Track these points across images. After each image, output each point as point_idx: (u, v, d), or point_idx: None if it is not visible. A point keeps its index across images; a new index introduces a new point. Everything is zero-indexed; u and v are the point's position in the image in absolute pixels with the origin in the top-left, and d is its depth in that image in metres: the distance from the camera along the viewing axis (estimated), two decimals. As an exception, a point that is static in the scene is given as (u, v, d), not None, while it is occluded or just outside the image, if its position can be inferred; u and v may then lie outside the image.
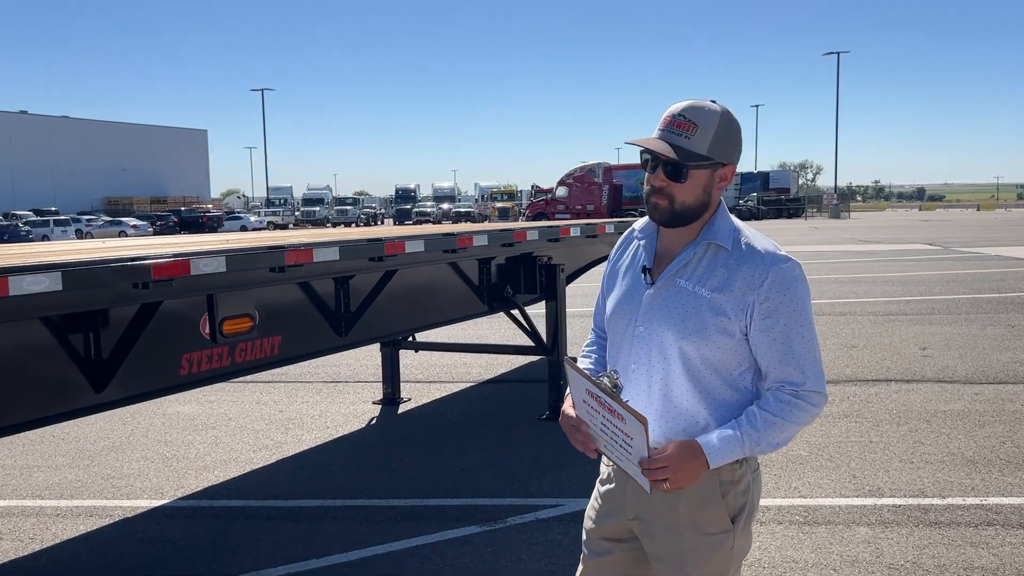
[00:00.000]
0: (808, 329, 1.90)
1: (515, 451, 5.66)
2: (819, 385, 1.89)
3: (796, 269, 1.89)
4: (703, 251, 1.93)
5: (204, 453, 5.83)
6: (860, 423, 6.06)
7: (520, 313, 6.28)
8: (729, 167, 1.92)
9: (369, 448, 5.88)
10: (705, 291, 1.89)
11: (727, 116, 1.90)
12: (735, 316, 1.87)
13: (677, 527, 1.95)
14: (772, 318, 1.86)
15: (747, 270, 1.87)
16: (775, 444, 1.89)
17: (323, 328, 4.47)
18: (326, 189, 69.24)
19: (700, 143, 1.86)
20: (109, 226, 52.54)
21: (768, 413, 1.87)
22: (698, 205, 1.91)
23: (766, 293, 1.86)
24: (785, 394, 1.88)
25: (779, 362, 1.88)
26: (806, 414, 1.89)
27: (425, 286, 5.35)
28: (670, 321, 1.91)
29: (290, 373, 8.40)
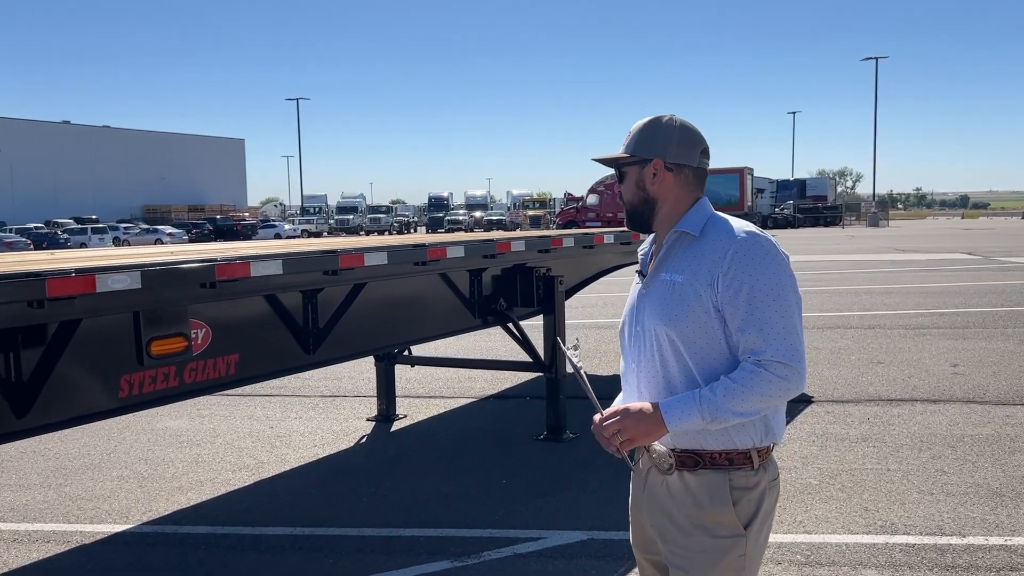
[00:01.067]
0: (775, 299, 1.88)
1: (504, 475, 5.33)
2: (785, 356, 1.85)
3: (763, 242, 1.93)
4: (676, 242, 2.01)
5: (182, 472, 5.58)
6: (879, 448, 5.64)
7: (515, 327, 5.96)
8: (654, 162, 2.02)
9: (352, 470, 5.59)
10: (679, 276, 1.96)
11: (654, 120, 2.06)
12: (707, 294, 1.91)
13: (687, 528, 1.96)
14: (733, 288, 1.89)
15: (713, 248, 1.94)
16: (737, 413, 1.86)
17: (288, 345, 4.20)
18: (360, 198, 69.68)
19: (628, 146, 2.06)
20: (145, 234, 53.23)
21: (729, 380, 1.86)
22: (639, 201, 2.05)
23: (728, 264, 1.90)
24: (749, 363, 1.87)
25: (741, 331, 1.88)
26: (770, 385, 1.84)
27: (407, 299, 5.06)
28: (654, 312, 1.99)
29: (289, 386, 8.16)
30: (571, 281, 7.02)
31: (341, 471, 5.56)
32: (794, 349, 1.87)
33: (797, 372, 1.86)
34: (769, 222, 57.44)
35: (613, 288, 16.00)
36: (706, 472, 1.95)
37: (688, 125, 2.07)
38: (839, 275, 18.44)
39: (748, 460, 1.94)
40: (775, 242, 1.95)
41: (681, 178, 2.03)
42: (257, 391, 8.01)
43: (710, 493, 1.93)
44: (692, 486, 1.96)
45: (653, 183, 2.03)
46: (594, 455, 5.64)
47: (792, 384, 1.86)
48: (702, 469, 1.95)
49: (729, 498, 1.93)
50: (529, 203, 64.02)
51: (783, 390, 1.86)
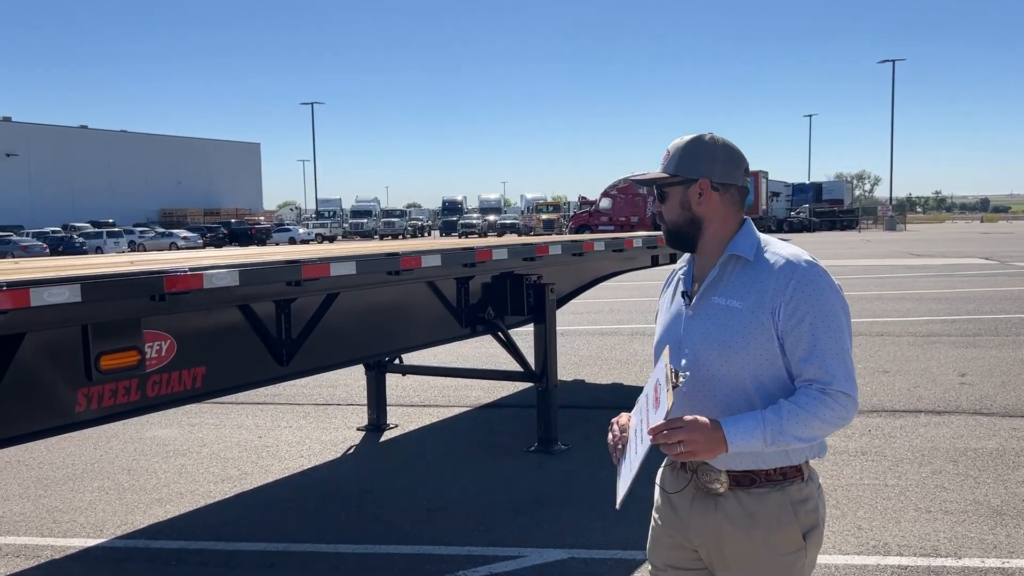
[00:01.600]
0: (836, 330, 1.91)
1: (490, 489, 5.20)
2: (847, 387, 1.89)
3: (821, 272, 1.95)
4: (727, 265, 2.01)
5: (163, 484, 5.49)
6: (878, 462, 5.46)
7: (504, 336, 5.83)
8: (701, 181, 2.01)
9: (335, 482, 5.47)
10: (736, 302, 1.96)
11: (696, 139, 2.04)
12: (768, 322, 1.93)
13: (753, 551, 1.96)
14: (796, 318, 1.91)
15: (773, 276, 1.94)
16: (799, 438, 1.88)
17: (259, 356, 4.09)
18: (374, 201, 69.70)
19: (670, 165, 2.04)
20: (161, 238, 53.51)
21: (792, 404, 1.87)
22: (684, 221, 2.04)
23: (791, 295, 1.91)
24: (813, 390, 1.89)
25: (805, 361, 1.90)
26: (833, 413, 1.88)
27: (389, 307, 4.95)
28: (709, 336, 1.98)
29: (283, 394, 8.06)
30: (564, 288, 6.90)
31: (324, 483, 5.45)
32: (853, 379, 1.92)
33: (855, 403, 1.92)
34: (784, 226, 57.05)
35: (616, 293, 15.88)
36: (762, 491, 1.96)
37: (730, 144, 2.07)
38: (851, 280, 18.18)
39: (799, 473, 1.97)
40: (826, 270, 1.98)
41: (727, 197, 2.04)
42: (251, 399, 7.94)
43: (776, 514, 1.95)
44: (751, 507, 1.96)
45: (699, 203, 2.03)
46: (583, 468, 5.50)
47: (850, 414, 1.91)
48: (757, 488, 1.96)
49: (793, 516, 1.95)
50: (542, 207, 63.80)
51: (842, 419, 1.90)
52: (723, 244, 2.03)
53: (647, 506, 2.25)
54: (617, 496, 2.00)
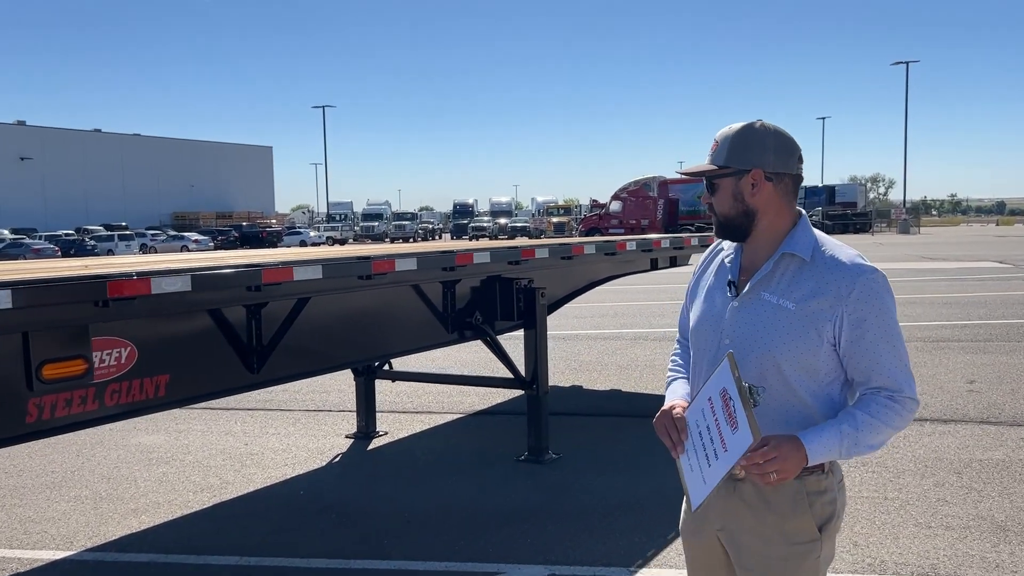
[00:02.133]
0: (898, 338, 1.94)
1: (476, 499, 5.04)
2: (913, 392, 1.94)
3: (882, 279, 1.94)
4: (783, 263, 1.98)
5: (142, 493, 5.35)
6: (879, 474, 5.26)
7: (493, 342, 5.67)
8: (754, 172, 1.97)
9: (317, 492, 5.32)
10: (790, 303, 1.93)
11: (747, 127, 1.99)
12: (824, 327, 1.91)
13: (766, 537, 1.97)
14: (862, 328, 1.90)
15: (834, 281, 1.92)
16: (871, 446, 1.92)
17: (228, 363, 3.94)
18: (385, 204, 69.74)
19: (720, 156, 1.99)
20: (172, 241, 53.69)
21: (866, 414, 1.89)
22: (737, 213, 2.00)
23: (855, 304, 1.89)
24: (882, 398, 1.91)
25: (873, 371, 1.91)
26: (901, 419, 1.92)
27: (371, 312, 4.79)
28: (756, 333, 1.95)
29: (275, 400, 7.93)
30: (557, 292, 6.73)
31: (312, 493, 5.29)
32: (914, 385, 1.95)
33: (919, 404, 1.96)
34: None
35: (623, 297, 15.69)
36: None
37: (781, 131, 2.01)
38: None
39: (819, 465, 1.95)
40: (885, 275, 1.96)
41: (781, 187, 1.99)
42: (241, 404, 7.80)
43: (791, 502, 1.95)
44: (768, 494, 1.96)
45: (753, 194, 1.98)
46: (573, 479, 5.33)
47: (912, 417, 1.95)
48: None
49: (807, 505, 1.95)
50: (553, 209, 63.63)
51: (907, 422, 1.95)
52: (776, 237, 2.00)
53: (634, 519, 2.14)
54: (692, 501, 1.93)
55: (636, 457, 5.69)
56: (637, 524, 4.49)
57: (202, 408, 7.69)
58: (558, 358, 9.77)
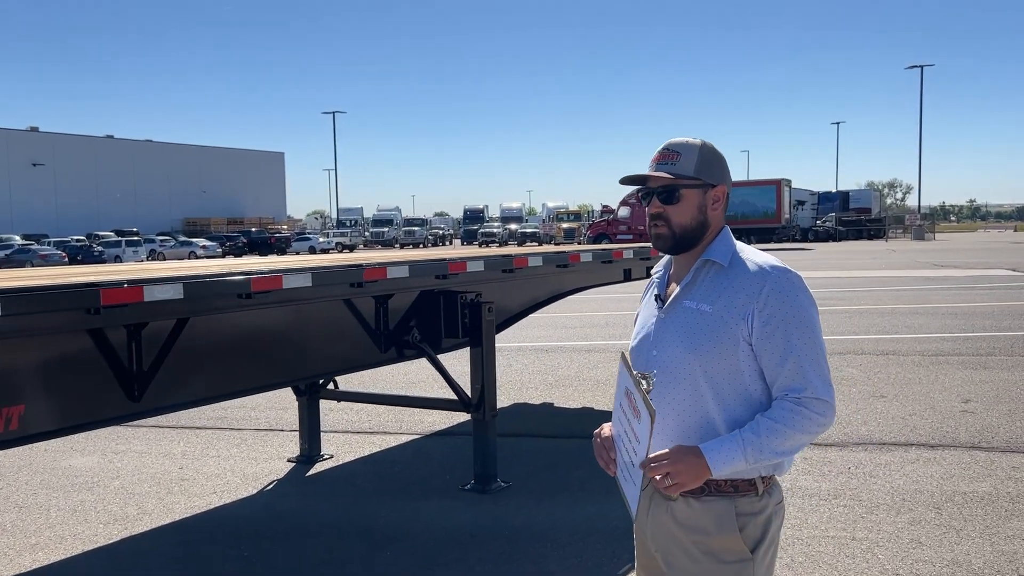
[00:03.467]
0: (809, 335, 1.92)
1: (404, 537, 4.60)
2: (823, 392, 1.90)
3: (794, 278, 1.97)
4: (702, 270, 2.02)
5: (49, 525, 4.95)
6: (851, 508, 4.79)
7: (432, 361, 5.23)
8: (719, 188, 2.04)
9: (237, 524, 4.90)
10: (707, 306, 1.96)
11: (707, 145, 2.05)
12: (738, 327, 1.92)
13: (694, 556, 1.97)
14: (771, 324, 1.91)
15: (746, 281, 1.95)
16: (779, 452, 1.90)
17: (105, 390, 3.53)
18: (395, 210, 69.61)
19: (686, 166, 2.01)
20: (180, 246, 53.66)
21: (769, 419, 1.88)
22: (696, 225, 2.02)
23: (765, 300, 1.92)
24: (788, 401, 1.89)
25: (780, 368, 1.91)
26: (811, 423, 1.89)
27: (289, 329, 4.37)
28: (677, 339, 1.98)
29: (228, 417, 7.55)
30: (512, 305, 6.28)
31: (224, 526, 4.87)
32: (829, 384, 1.92)
33: (832, 407, 1.92)
34: (810, 235, 55.92)
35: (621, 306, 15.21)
36: (711, 499, 1.94)
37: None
38: (865, 293, 17.38)
39: (753, 487, 1.95)
40: (800, 276, 1.99)
41: (724, 207, 2.07)
42: (195, 422, 7.42)
43: (717, 520, 1.94)
44: (698, 513, 1.95)
45: (713, 208, 2.04)
46: (517, 511, 4.89)
47: (828, 420, 1.90)
48: (707, 496, 1.94)
49: (735, 524, 1.94)
50: (563, 215, 63.24)
51: (821, 427, 1.90)
52: (703, 248, 2.04)
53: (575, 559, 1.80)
54: (631, 509, 1.93)
55: (592, 484, 5.24)
56: (577, 566, 4.05)
57: (150, 425, 7.31)
58: (534, 371, 9.34)
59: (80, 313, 2.86)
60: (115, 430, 7.17)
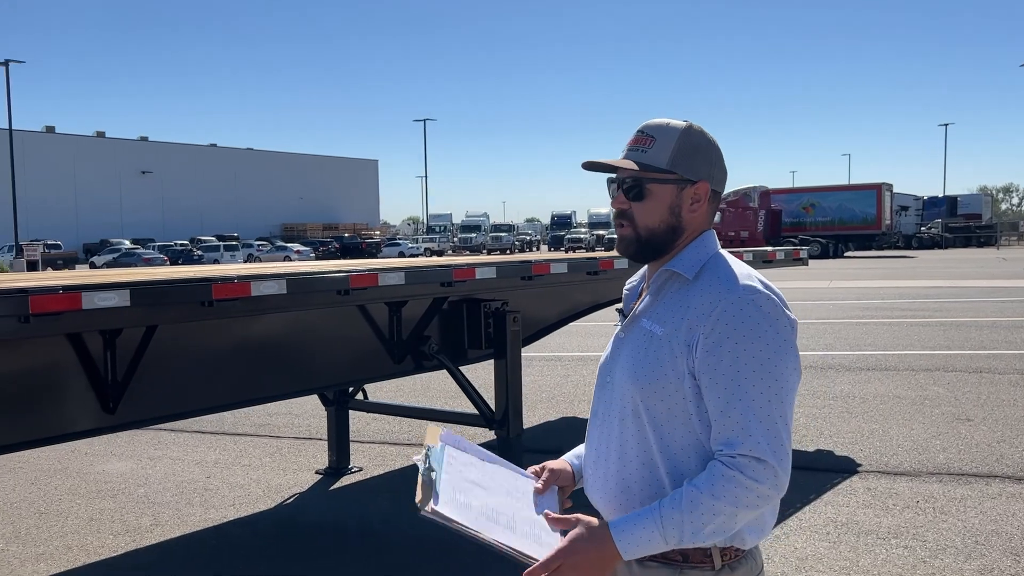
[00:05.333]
0: (766, 376, 1.50)
1: (401, 567, 4.29)
2: (765, 451, 1.46)
3: (763, 301, 1.54)
4: (665, 284, 1.66)
5: (62, 534, 4.86)
6: (912, 551, 4.22)
7: (452, 373, 4.92)
8: (700, 185, 1.65)
9: (241, 542, 4.69)
10: (659, 328, 1.60)
11: (692, 130, 1.67)
12: (682, 355, 1.55)
13: None
14: (715, 355, 1.51)
15: (701, 298, 1.57)
16: (705, 534, 1.48)
17: (74, 401, 3.35)
18: (483, 216, 69.89)
19: (659, 155, 1.65)
20: (276, 251, 55.27)
21: (694, 488, 1.48)
22: (666, 229, 1.65)
23: (713, 324, 1.53)
24: (718, 462, 1.49)
25: (720, 412, 1.51)
26: (745, 492, 1.46)
27: (291, 336, 4.14)
28: (626, 367, 1.63)
29: (270, 424, 7.43)
30: (548, 315, 5.91)
31: (225, 545, 4.67)
32: (777, 443, 1.49)
33: (775, 474, 1.48)
34: (913, 242, 53.29)
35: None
36: (654, 566, 1.57)
37: (718, 145, 1.71)
38: (965, 304, 16.20)
39: (708, 559, 1.55)
40: (780, 301, 1.57)
41: (711, 208, 1.70)
42: (237, 428, 7.34)
43: None
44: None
45: (692, 210, 1.67)
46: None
47: (769, 489, 1.48)
48: (650, 561, 1.57)
49: None
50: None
51: (760, 497, 1.48)
52: (672, 256, 1.68)
53: None
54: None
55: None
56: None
57: (192, 430, 7.26)
58: (563, 383, 8.90)
59: (196, 306, 2.90)
60: (157, 435, 7.14)
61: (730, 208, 44.57)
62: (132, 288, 2.78)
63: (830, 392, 8.20)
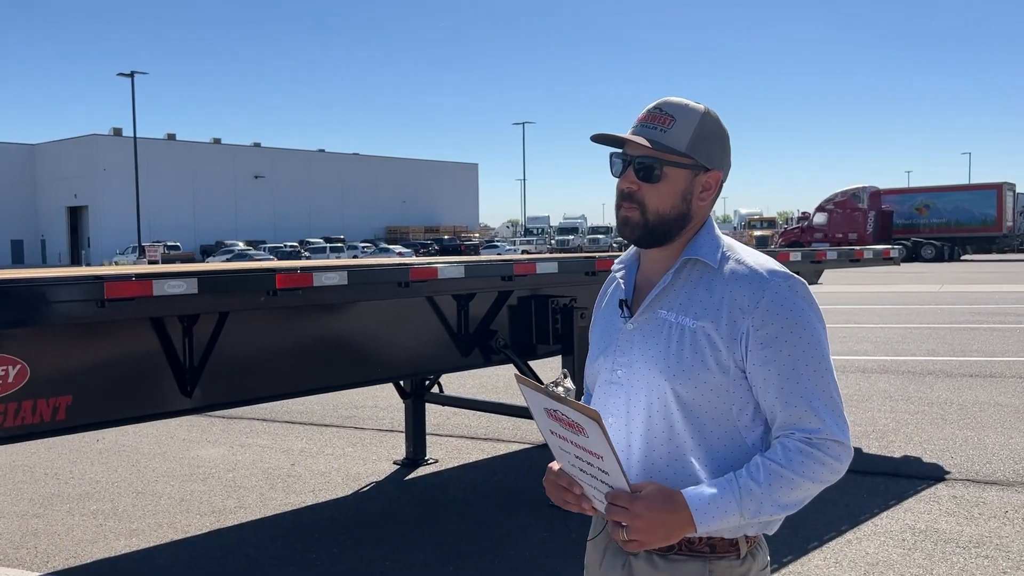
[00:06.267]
0: (820, 361, 1.54)
1: (472, 554, 4.38)
2: (839, 432, 1.51)
3: (799, 287, 1.57)
4: (684, 272, 1.62)
5: (154, 512, 5.17)
6: (992, 561, 4.03)
7: (521, 368, 4.98)
8: (713, 174, 1.63)
9: (316, 528, 4.87)
10: (689, 319, 1.58)
11: (711, 115, 1.64)
12: (726, 347, 1.54)
13: None
14: (773, 347, 1.52)
15: (738, 290, 1.55)
16: (783, 505, 1.51)
17: (156, 385, 3.58)
18: (580, 219, 69.93)
19: (678, 138, 1.60)
20: (379, 253, 56.73)
21: (774, 463, 1.49)
22: (676, 216, 1.62)
23: (763, 317, 1.53)
24: (795, 441, 1.51)
25: (785, 403, 1.52)
26: (824, 468, 1.50)
27: (356, 329, 4.29)
28: (651, 360, 1.59)
29: (356, 416, 7.68)
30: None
31: (304, 528, 4.86)
32: (843, 420, 1.53)
33: (850, 451, 1.54)
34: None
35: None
36: (680, 560, 1.57)
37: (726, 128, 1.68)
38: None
39: (734, 548, 1.57)
40: (805, 284, 1.59)
41: (716, 196, 1.67)
42: (324, 419, 7.63)
43: None
44: (664, 574, 1.58)
45: (701, 198, 1.64)
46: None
47: (844, 466, 1.53)
48: (676, 555, 1.57)
49: None
50: (755, 222, 60.82)
51: (835, 473, 1.52)
52: (681, 246, 1.64)
53: None
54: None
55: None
56: None
57: (282, 420, 7.58)
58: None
59: (260, 295, 3.10)
60: (249, 424, 7.49)
61: (838, 209, 43.09)
62: (200, 277, 2.97)
63: (926, 398, 7.86)
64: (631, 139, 1.60)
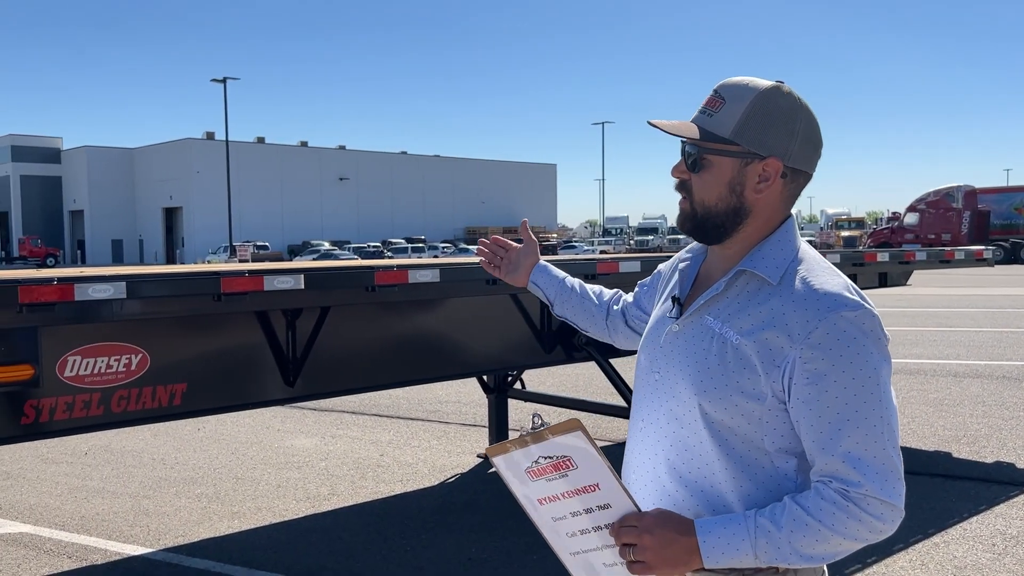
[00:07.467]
0: (874, 409, 1.33)
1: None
2: (885, 491, 1.31)
3: (867, 319, 1.35)
4: (739, 282, 1.44)
5: (253, 496, 5.47)
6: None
7: (602, 365, 5.08)
8: (770, 162, 1.42)
9: (404, 516, 5.07)
10: (734, 334, 1.40)
11: (775, 93, 1.43)
12: (765, 374, 1.36)
13: None
14: (819, 386, 1.33)
15: (792, 313, 1.36)
16: (807, 556, 1.33)
17: (261, 375, 3.82)
18: (660, 219, 69.27)
19: (723, 122, 1.43)
20: (458, 253, 57.47)
21: (801, 509, 1.32)
22: (725, 209, 1.45)
23: (813, 348, 1.33)
24: (831, 490, 1.32)
25: (824, 449, 1.33)
26: (861, 526, 1.31)
27: (445, 326, 4.47)
28: (686, 369, 1.44)
29: (440, 411, 7.89)
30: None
31: (391, 515, 5.07)
32: (899, 482, 1.33)
33: (898, 512, 1.33)
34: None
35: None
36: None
37: (811, 111, 1.47)
38: None
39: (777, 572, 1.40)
40: (875, 315, 1.36)
41: (790, 189, 1.47)
42: (411, 413, 7.87)
43: None
44: None
45: (758, 190, 1.44)
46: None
47: (889, 526, 1.33)
48: None
49: None
50: (843, 223, 59.16)
51: (875, 533, 1.33)
52: (748, 247, 1.46)
53: None
54: None
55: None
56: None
57: (370, 413, 7.85)
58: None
59: (360, 290, 3.38)
60: (340, 416, 7.79)
61: (930, 209, 41.63)
62: (306, 273, 3.18)
63: (1022, 403, 7.62)
64: (673, 127, 1.47)
